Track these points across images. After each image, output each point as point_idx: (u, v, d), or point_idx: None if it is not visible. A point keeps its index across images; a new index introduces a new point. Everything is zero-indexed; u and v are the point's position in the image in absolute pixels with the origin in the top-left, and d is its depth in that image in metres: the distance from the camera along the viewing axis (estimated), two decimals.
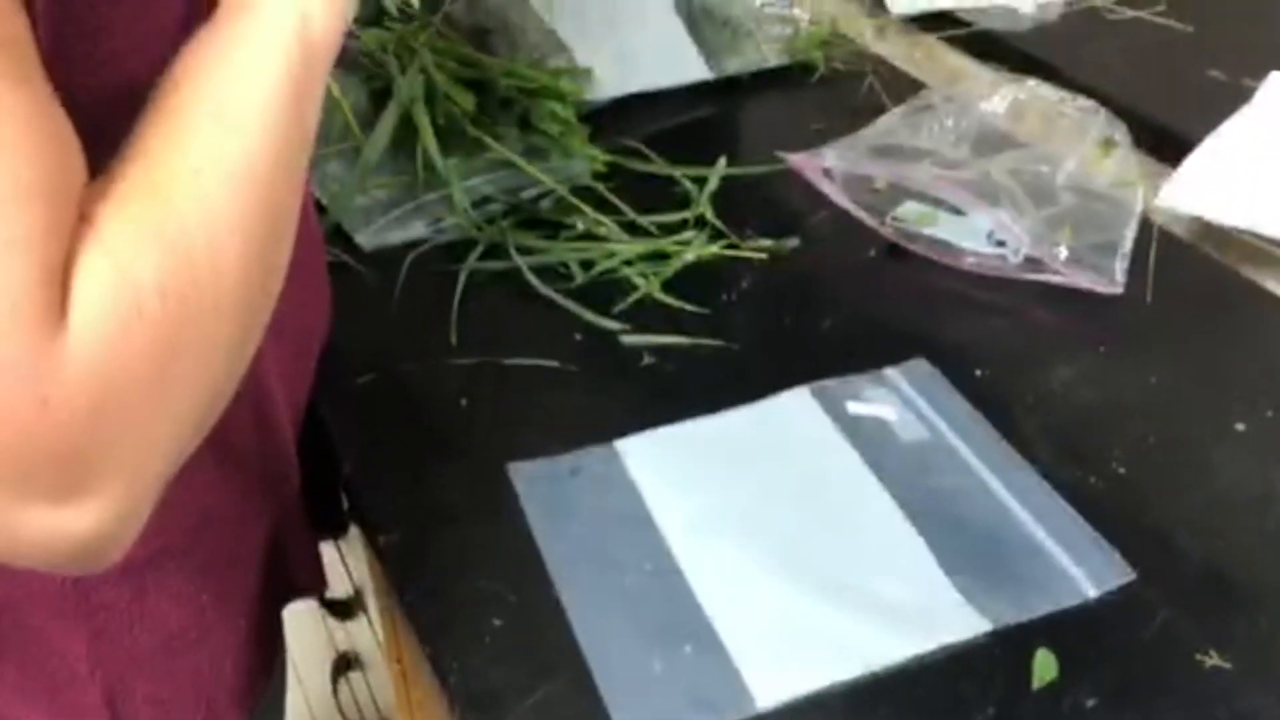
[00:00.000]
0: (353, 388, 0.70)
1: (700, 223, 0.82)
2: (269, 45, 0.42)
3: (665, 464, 0.64)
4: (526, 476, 0.63)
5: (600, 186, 0.85)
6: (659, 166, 0.88)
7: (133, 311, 0.36)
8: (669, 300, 0.76)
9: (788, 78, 1.02)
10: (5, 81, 0.35)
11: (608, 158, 0.87)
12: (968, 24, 1.08)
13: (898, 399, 0.68)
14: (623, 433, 0.65)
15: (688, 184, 0.86)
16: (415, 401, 0.69)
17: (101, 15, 0.42)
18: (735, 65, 1.01)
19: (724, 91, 1.00)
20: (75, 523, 0.37)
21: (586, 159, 0.87)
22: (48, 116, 0.36)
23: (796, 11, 1.05)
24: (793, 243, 0.81)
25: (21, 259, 0.34)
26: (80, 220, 0.36)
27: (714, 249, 0.80)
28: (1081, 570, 0.57)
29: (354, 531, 0.73)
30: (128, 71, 0.42)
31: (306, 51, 0.43)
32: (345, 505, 0.70)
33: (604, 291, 0.76)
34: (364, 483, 0.64)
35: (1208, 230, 0.83)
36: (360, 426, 0.68)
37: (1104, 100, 0.88)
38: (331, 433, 0.67)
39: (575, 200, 0.83)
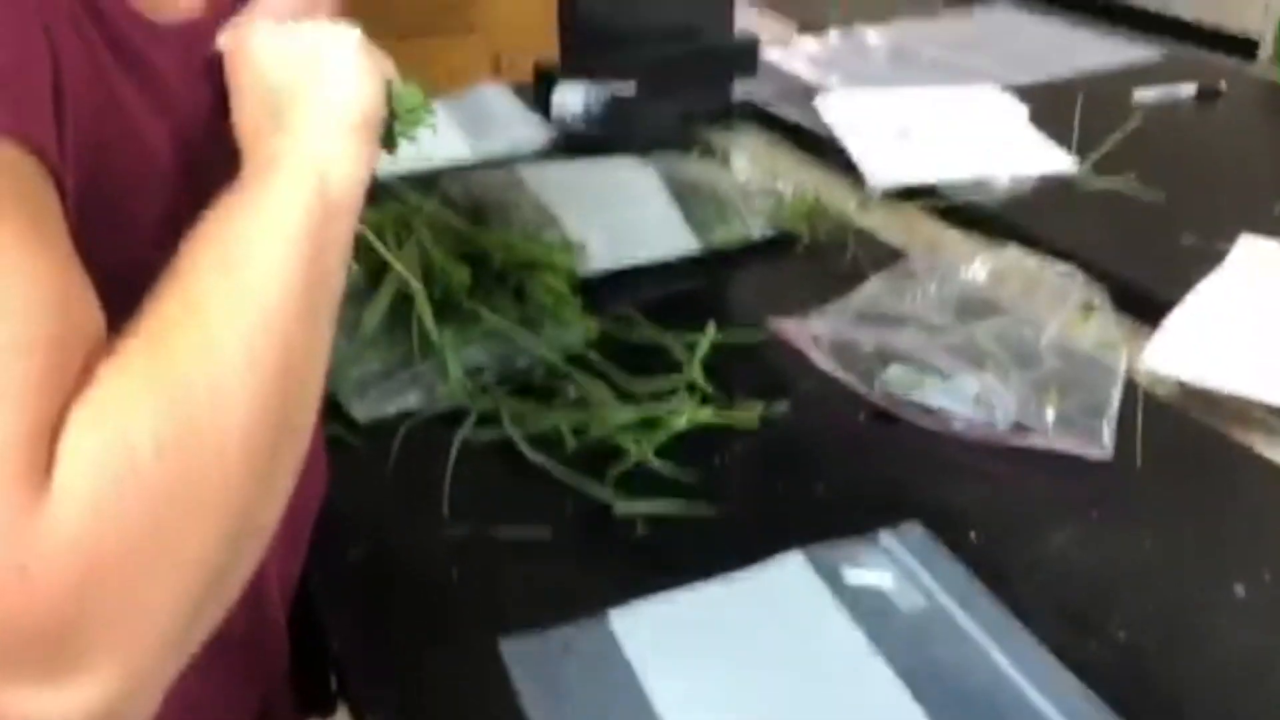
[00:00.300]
0: (343, 561, 0.69)
1: (691, 389, 0.83)
2: (287, 203, 0.44)
3: (660, 637, 0.63)
4: (518, 653, 0.61)
5: (593, 354, 0.86)
6: (650, 334, 0.90)
7: (125, 468, 0.35)
8: (662, 466, 0.76)
9: (773, 248, 1.05)
10: (26, 246, 0.36)
11: (600, 326, 0.89)
12: (946, 196, 1.13)
13: (894, 565, 0.67)
14: (617, 603, 0.64)
15: (678, 351, 0.87)
16: (406, 575, 0.69)
17: (118, 182, 0.44)
18: (722, 237, 1.04)
19: (712, 261, 1.03)
20: (64, 705, 0.34)
21: (579, 328, 0.89)
22: (64, 278, 0.37)
23: (780, 186, 1.09)
24: (782, 408, 0.82)
25: (10, 414, 0.33)
26: (83, 374, 0.36)
27: (705, 415, 0.80)
28: None
29: (339, 707, 0.71)
30: (145, 234, 0.44)
31: (326, 209, 0.45)
32: (334, 684, 0.68)
33: (597, 458, 0.76)
34: (353, 662, 0.63)
35: (1192, 391, 0.84)
36: (350, 602, 0.67)
37: (1082, 265, 0.91)
38: (321, 608, 0.66)
39: (568, 368, 0.84)
